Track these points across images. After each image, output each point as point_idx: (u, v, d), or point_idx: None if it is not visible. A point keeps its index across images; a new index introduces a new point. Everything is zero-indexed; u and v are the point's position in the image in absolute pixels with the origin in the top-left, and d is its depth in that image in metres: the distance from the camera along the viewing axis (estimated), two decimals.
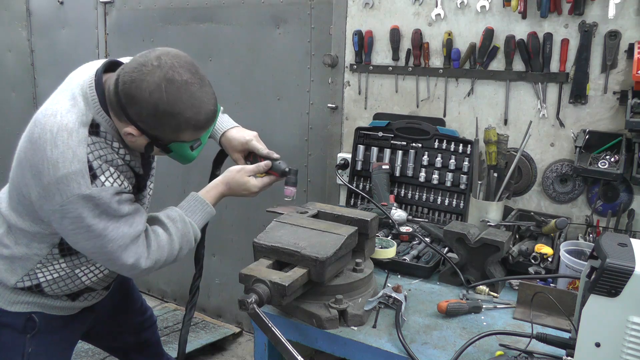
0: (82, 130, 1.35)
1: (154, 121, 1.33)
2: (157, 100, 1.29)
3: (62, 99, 1.39)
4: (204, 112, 1.36)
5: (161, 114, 1.31)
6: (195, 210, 1.58)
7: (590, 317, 1.15)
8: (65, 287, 1.55)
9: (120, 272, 1.50)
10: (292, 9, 2.83)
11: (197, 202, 1.59)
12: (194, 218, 1.57)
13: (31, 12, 4.04)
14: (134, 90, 1.30)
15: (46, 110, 1.38)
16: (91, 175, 1.32)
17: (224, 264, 3.44)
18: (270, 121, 3.03)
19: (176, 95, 1.31)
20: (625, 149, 1.94)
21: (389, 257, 1.86)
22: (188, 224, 1.54)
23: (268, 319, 1.34)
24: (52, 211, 1.33)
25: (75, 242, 1.40)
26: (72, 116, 1.35)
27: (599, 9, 1.97)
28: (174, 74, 1.31)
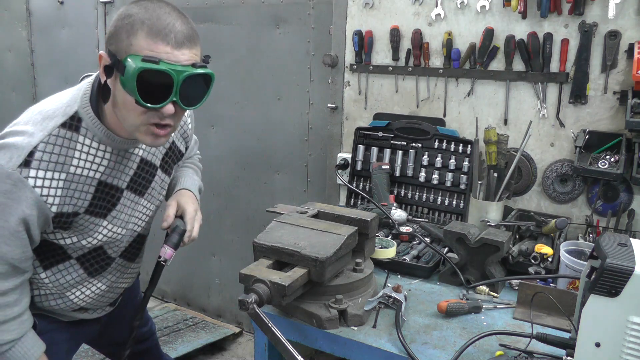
0: (57, 119, 1.27)
1: (114, 28, 1.21)
2: (123, 10, 1.23)
3: (64, 91, 1.36)
4: (165, 21, 1.19)
5: (121, 16, 1.21)
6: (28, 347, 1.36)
7: (590, 317, 1.15)
8: (57, 307, 1.48)
9: None
10: (292, 9, 2.83)
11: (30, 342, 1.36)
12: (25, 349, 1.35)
13: (31, 12, 4.04)
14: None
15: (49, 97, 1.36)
16: (25, 160, 1.21)
17: (224, 264, 3.44)
18: (270, 121, 3.03)
19: (142, 5, 1.22)
20: (625, 149, 1.94)
21: (389, 257, 1.86)
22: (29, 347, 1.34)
23: (268, 319, 1.34)
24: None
25: None
26: (57, 104, 1.30)
27: (599, 9, 1.97)
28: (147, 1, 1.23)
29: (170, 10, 1.23)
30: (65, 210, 1.31)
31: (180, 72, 1.19)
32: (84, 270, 1.47)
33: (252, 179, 3.19)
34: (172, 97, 1.21)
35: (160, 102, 1.21)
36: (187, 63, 1.22)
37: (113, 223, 1.44)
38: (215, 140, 3.25)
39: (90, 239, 1.40)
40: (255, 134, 3.10)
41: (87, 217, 1.36)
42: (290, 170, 3.03)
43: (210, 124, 3.21)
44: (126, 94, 1.21)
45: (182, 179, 1.69)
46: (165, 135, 1.30)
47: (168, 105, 1.23)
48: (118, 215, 1.45)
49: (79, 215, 1.34)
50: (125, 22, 1.20)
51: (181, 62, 1.21)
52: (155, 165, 1.53)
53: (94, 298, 1.54)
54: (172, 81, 1.19)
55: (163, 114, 1.24)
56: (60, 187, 1.28)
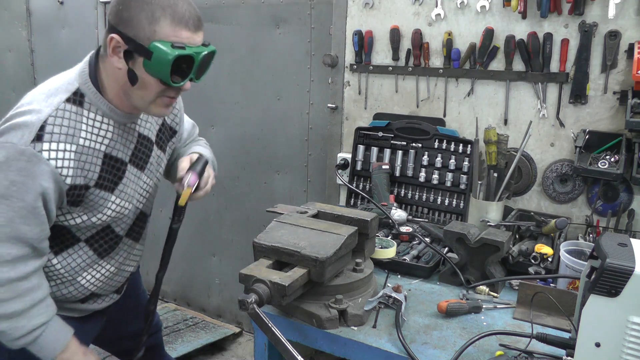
0: (61, 95, 1.33)
1: (129, 13, 1.26)
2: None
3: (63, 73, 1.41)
4: (181, 8, 1.28)
5: (136, 2, 1.26)
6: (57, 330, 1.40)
7: (590, 317, 1.15)
8: (69, 294, 1.51)
9: None
10: (292, 9, 2.83)
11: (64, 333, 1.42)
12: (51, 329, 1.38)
13: (31, 12, 4.04)
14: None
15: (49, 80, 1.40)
16: (37, 134, 1.26)
17: (224, 264, 3.44)
18: (270, 121, 3.03)
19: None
20: (625, 149, 1.94)
21: (389, 257, 1.86)
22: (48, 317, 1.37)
23: (268, 319, 1.34)
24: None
25: None
26: (58, 82, 1.36)
27: (599, 9, 1.97)
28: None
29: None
30: (77, 182, 1.34)
31: (199, 53, 1.32)
32: (94, 252, 1.51)
33: (252, 179, 3.19)
34: (191, 75, 1.34)
35: (183, 80, 1.34)
36: (201, 43, 1.34)
37: (121, 197, 1.48)
38: (215, 140, 3.25)
39: (100, 215, 1.44)
40: (255, 134, 3.10)
41: (97, 191, 1.40)
42: (290, 170, 3.03)
43: (210, 124, 3.21)
44: (147, 74, 1.30)
45: (193, 148, 1.75)
46: (173, 104, 1.42)
47: (187, 82, 1.36)
48: (124, 189, 1.49)
49: (89, 189, 1.38)
50: (144, 9, 1.26)
51: (198, 44, 1.32)
52: (151, 140, 1.58)
53: (103, 281, 1.56)
54: (194, 62, 1.32)
55: (181, 90, 1.37)
56: (72, 159, 1.32)
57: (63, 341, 1.41)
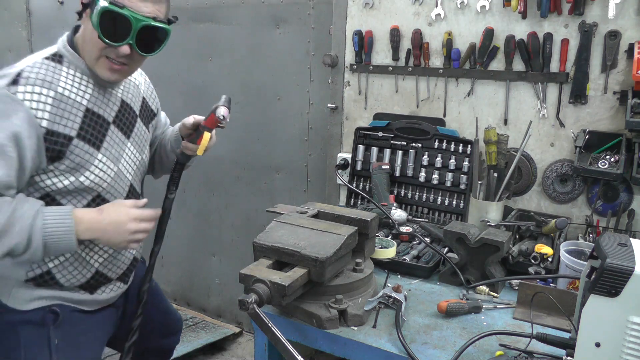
0: (41, 54, 1.43)
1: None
2: None
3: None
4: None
5: None
6: (52, 214, 1.34)
7: (590, 317, 1.15)
8: (77, 274, 1.50)
9: None
10: (292, 9, 2.83)
11: (63, 211, 1.36)
12: (45, 217, 1.32)
13: (31, 12, 4.04)
14: None
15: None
16: (13, 79, 1.34)
17: (224, 264, 3.44)
18: (270, 121, 3.03)
19: None
20: (625, 149, 1.94)
21: (389, 257, 1.86)
22: (34, 214, 1.30)
23: (268, 319, 1.34)
24: None
25: None
26: (39, 52, 1.45)
27: (599, 9, 1.97)
28: None
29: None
30: (56, 129, 1.37)
31: (139, 20, 1.37)
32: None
33: (252, 179, 3.19)
34: (129, 39, 1.38)
35: (118, 42, 1.38)
36: (149, 15, 1.39)
37: (106, 156, 1.49)
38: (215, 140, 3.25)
39: (87, 173, 1.44)
40: (255, 134, 3.10)
41: (81, 143, 1.42)
42: (290, 170, 3.03)
43: None
44: (93, 30, 1.37)
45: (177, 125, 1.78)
46: (119, 72, 1.45)
47: (124, 46, 1.39)
48: (109, 148, 1.51)
49: (72, 140, 1.40)
50: None
51: (143, 12, 1.38)
52: (135, 111, 1.62)
53: (108, 259, 1.55)
54: (131, 26, 1.36)
55: (119, 52, 1.40)
56: (50, 104, 1.36)
57: (67, 220, 1.34)
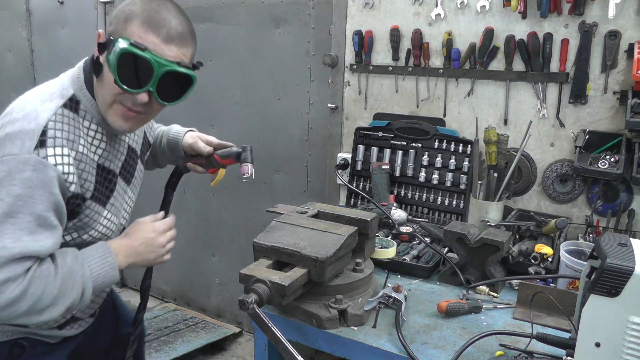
0: (58, 101, 1.26)
1: (115, 13, 1.28)
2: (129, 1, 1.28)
3: (52, 80, 1.36)
4: (162, 15, 1.24)
5: (126, 3, 1.28)
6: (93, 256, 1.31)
7: (590, 317, 1.15)
8: (53, 322, 1.41)
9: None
10: (292, 9, 2.83)
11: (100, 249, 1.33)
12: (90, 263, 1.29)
13: (31, 12, 4.04)
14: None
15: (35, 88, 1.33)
16: (40, 140, 1.18)
17: (224, 264, 3.44)
18: (270, 121, 3.03)
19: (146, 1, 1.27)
20: (625, 149, 1.94)
21: (389, 257, 1.86)
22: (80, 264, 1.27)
23: (268, 319, 1.34)
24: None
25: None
26: (53, 89, 1.29)
27: (599, 9, 1.97)
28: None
29: (172, 8, 1.28)
30: (77, 191, 1.28)
31: (162, 65, 1.23)
32: None
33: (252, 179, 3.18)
34: (149, 86, 1.24)
35: (137, 88, 1.25)
36: (173, 60, 1.25)
37: (112, 212, 1.43)
38: None
39: (91, 231, 1.38)
40: (255, 134, 3.10)
41: (92, 204, 1.34)
42: (290, 170, 3.03)
43: (210, 124, 3.21)
44: (110, 72, 1.24)
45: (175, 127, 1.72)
46: (133, 120, 1.32)
47: (143, 93, 1.26)
48: (115, 203, 1.44)
49: (86, 201, 1.32)
50: (126, 8, 1.26)
51: (167, 56, 1.24)
52: (137, 153, 1.55)
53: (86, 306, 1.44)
54: (153, 71, 1.22)
55: (136, 100, 1.26)
56: (74, 165, 1.25)
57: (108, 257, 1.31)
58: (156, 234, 1.43)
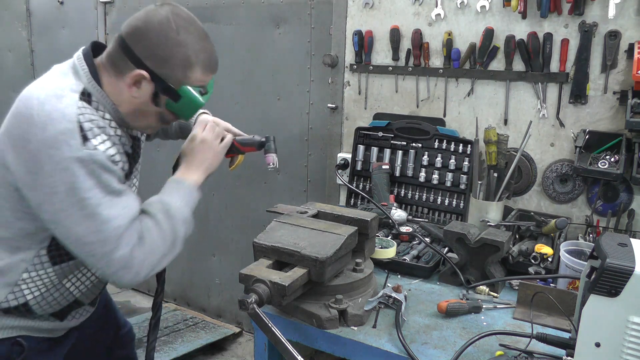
0: (72, 95, 1.27)
1: (164, 52, 1.28)
2: (167, 28, 1.28)
3: (48, 75, 1.35)
4: (210, 50, 1.36)
5: (172, 42, 1.28)
6: (171, 191, 1.44)
7: (590, 317, 1.15)
8: (54, 302, 1.42)
9: (118, 275, 1.29)
10: (292, 9, 2.83)
11: (171, 184, 1.46)
12: (171, 198, 1.42)
13: (31, 12, 4.04)
14: (141, 24, 1.28)
15: (31, 85, 1.31)
16: (82, 135, 1.21)
17: (224, 264, 3.44)
18: (270, 121, 3.03)
19: (185, 26, 1.30)
20: (625, 149, 1.94)
21: (389, 257, 1.86)
22: (167, 203, 1.40)
23: (268, 319, 1.34)
24: (42, 186, 1.20)
25: (67, 228, 1.24)
26: (60, 84, 1.29)
27: (599, 9, 1.97)
28: (180, 12, 1.32)
29: (206, 34, 1.37)
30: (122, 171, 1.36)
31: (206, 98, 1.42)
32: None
33: (252, 179, 3.19)
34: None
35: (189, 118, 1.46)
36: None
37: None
38: None
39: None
40: (255, 134, 3.09)
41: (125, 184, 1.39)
42: (290, 170, 3.03)
43: None
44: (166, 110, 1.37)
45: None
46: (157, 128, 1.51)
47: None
48: (130, 184, 1.49)
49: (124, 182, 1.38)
50: (180, 52, 1.30)
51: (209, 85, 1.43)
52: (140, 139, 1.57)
53: (88, 287, 1.49)
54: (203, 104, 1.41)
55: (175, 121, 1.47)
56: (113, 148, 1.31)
57: (181, 183, 1.46)
58: (212, 137, 1.54)
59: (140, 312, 3.68)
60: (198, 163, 1.51)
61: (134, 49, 1.29)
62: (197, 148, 1.51)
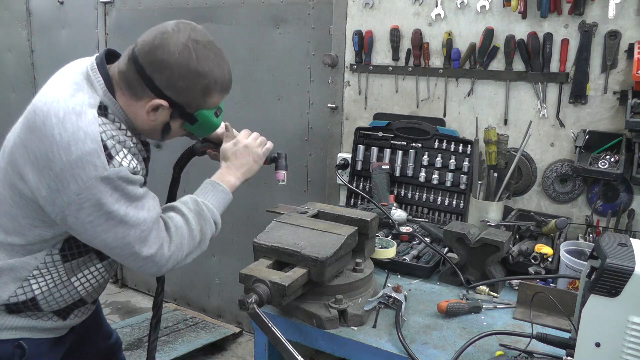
0: (91, 111, 1.26)
1: (185, 83, 1.30)
2: (187, 59, 1.28)
3: (62, 86, 1.31)
4: (227, 71, 1.38)
5: (193, 73, 1.30)
6: (206, 192, 1.52)
7: (590, 317, 1.15)
8: (60, 299, 1.43)
9: (145, 269, 1.37)
10: (292, 9, 2.83)
11: (207, 185, 1.54)
12: (206, 198, 1.50)
13: (31, 12, 4.04)
14: (161, 54, 1.27)
15: (45, 97, 1.28)
16: (107, 155, 1.23)
17: (224, 264, 3.44)
18: (270, 121, 3.03)
19: (204, 54, 1.31)
20: (625, 149, 1.94)
21: (389, 257, 1.86)
22: (200, 203, 1.47)
23: (268, 319, 1.34)
24: (67, 204, 1.23)
25: (94, 236, 1.29)
26: (77, 99, 1.27)
27: (599, 9, 1.97)
28: (197, 36, 1.31)
29: (221, 53, 1.38)
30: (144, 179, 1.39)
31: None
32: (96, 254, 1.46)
33: (252, 179, 3.18)
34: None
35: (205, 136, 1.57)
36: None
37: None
38: None
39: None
40: None
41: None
42: (290, 170, 3.03)
43: None
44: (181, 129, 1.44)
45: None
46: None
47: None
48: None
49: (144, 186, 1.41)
50: (200, 82, 1.33)
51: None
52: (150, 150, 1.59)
53: (94, 286, 1.50)
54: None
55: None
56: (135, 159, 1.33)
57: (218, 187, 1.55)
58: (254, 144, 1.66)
59: (140, 312, 3.68)
60: (238, 166, 1.61)
61: (154, 79, 1.29)
62: (239, 152, 1.61)
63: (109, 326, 1.87)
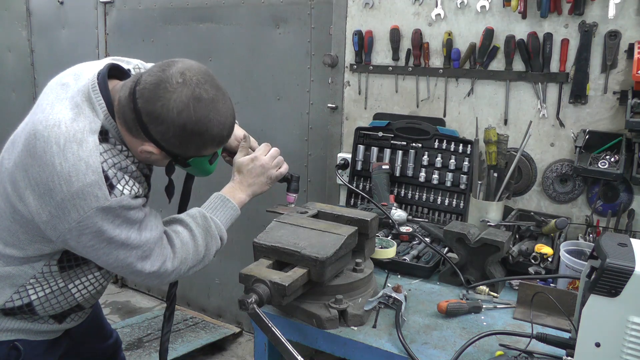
0: (92, 139, 1.25)
1: (179, 141, 1.29)
2: (185, 120, 1.25)
3: (63, 108, 1.28)
4: (227, 127, 1.35)
5: (189, 133, 1.27)
6: (216, 207, 1.54)
7: (590, 317, 1.15)
8: (57, 305, 1.43)
9: (147, 282, 1.42)
10: (292, 9, 2.83)
11: (217, 200, 1.55)
12: (215, 214, 1.52)
13: (31, 12, 4.04)
14: (160, 109, 1.24)
15: (47, 121, 1.25)
16: (108, 185, 1.23)
17: (224, 264, 3.44)
18: (270, 121, 3.03)
19: (204, 114, 1.27)
20: (625, 149, 1.94)
21: (389, 257, 1.86)
22: (209, 219, 1.49)
23: (268, 319, 1.34)
24: (68, 230, 1.23)
25: (96, 258, 1.31)
26: (78, 125, 1.25)
27: (599, 9, 1.97)
28: (201, 92, 1.26)
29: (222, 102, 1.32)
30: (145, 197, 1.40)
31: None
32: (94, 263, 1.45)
33: None
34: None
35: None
36: None
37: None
38: None
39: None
40: (255, 134, 3.06)
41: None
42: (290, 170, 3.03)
43: None
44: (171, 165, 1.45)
45: None
46: None
47: None
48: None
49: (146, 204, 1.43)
50: (196, 140, 1.31)
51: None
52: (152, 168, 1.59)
53: (92, 294, 1.50)
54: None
55: None
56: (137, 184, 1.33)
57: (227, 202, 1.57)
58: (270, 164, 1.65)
59: (140, 312, 3.68)
60: (251, 184, 1.62)
61: (150, 130, 1.27)
62: (255, 170, 1.61)
63: (109, 326, 1.87)
